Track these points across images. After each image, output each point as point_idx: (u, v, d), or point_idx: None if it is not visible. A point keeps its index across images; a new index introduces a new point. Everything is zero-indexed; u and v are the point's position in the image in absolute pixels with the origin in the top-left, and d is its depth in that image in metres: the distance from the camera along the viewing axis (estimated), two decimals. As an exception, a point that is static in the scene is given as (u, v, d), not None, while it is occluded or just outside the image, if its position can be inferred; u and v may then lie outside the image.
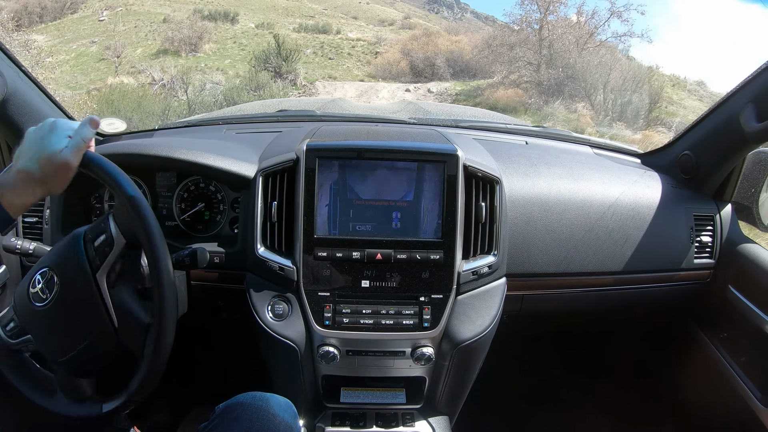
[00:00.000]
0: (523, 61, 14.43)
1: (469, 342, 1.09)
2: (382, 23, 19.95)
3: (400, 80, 15.23)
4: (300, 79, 13.90)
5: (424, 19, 21.11)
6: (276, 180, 1.09)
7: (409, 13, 21.27)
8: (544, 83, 13.38)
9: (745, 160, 1.30)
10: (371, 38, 17.96)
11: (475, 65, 15.51)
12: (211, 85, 12.44)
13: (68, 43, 15.45)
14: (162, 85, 12.23)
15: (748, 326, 1.23)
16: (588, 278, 1.24)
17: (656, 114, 11.35)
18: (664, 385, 1.60)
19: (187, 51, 14.92)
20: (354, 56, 16.67)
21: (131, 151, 1.18)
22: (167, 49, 14.90)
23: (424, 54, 15.77)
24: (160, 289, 0.79)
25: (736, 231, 1.33)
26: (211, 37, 15.79)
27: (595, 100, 12.45)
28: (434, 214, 1.06)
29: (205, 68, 14.02)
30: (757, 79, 1.13)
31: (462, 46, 16.34)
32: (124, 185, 0.80)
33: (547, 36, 14.37)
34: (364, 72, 15.87)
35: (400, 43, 17.31)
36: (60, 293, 0.80)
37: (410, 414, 1.24)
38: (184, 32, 15.29)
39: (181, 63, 13.73)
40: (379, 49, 17.14)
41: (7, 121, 1.18)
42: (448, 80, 15.20)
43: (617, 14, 14.27)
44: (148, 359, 0.79)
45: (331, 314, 1.07)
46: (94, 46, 14.95)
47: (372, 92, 13.99)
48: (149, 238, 0.78)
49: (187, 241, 1.18)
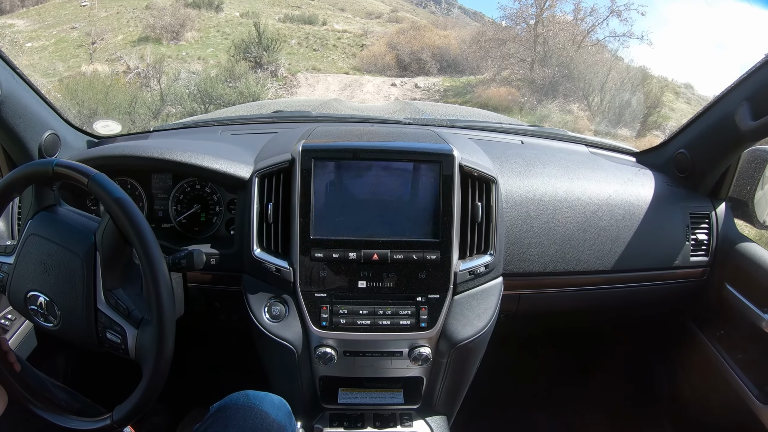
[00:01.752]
0: (516, 58, 13.88)
1: (467, 341, 1.09)
2: (369, 16, 19.35)
3: (385, 74, 14.56)
4: (281, 70, 13.28)
5: (411, 13, 20.66)
6: (272, 181, 1.09)
7: (396, 6, 20.92)
8: (537, 81, 12.80)
9: (741, 158, 1.31)
10: (358, 30, 17.47)
11: (463, 61, 14.93)
12: (187, 74, 11.74)
13: (49, 28, 14.70)
14: (137, 73, 11.63)
15: (744, 323, 1.24)
16: (585, 277, 1.24)
17: (654, 118, 10.96)
18: (662, 383, 1.60)
19: (169, 39, 14.22)
20: (339, 48, 16.17)
21: (126, 153, 1.18)
22: (148, 36, 14.12)
23: (410, 48, 15.27)
24: (156, 294, 0.78)
25: (731, 229, 1.33)
26: (194, 25, 15.08)
27: (592, 101, 11.94)
28: (430, 214, 1.06)
29: (186, 57, 13.34)
30: (751, 78, 1.14)
31: (450, 41, 15.84)
32: (108, 188, 0.80)
33: (542, 32, 13.67)
34: (350, 64, 15.36)
35: (386, 37, 16.76)
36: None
37: (408, 414, 1.24)
38: (166, 19, 14.51)
39: (162, 51, 13.20)
40: (365, 41, 16.65)
41: (2, 124, 1.17)
42: (435, 75, 14.76)
43: (617, 12, 13.54)
44: (150, 364, 0.79)
45: (328, 315, 1.07)
46: (75, 32, 14.24)
47: (356, 86, 13.27)
48: (142, 241, 0.78)
49: (184, 243, 1.18)
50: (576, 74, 12.39)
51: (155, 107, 9.60)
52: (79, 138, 1.43)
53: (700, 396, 1.44)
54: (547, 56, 13.18)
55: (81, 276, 0.82)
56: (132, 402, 0.80)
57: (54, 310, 0.84)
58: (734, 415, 1.26)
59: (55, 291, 0.84)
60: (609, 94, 11.81)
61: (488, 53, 14.27)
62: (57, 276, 0.83)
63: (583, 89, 12.05)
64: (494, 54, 14.12)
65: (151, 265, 0.77)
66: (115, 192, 0.79)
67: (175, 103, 9.97)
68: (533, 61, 13.42)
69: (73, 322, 0.83)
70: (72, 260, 0.82)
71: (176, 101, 10.01)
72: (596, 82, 12.06)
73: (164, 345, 0.78)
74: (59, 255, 0.83)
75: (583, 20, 13.91)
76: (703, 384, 1.40)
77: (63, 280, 0.83)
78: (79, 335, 0.84)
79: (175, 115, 9.46)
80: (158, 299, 0.78)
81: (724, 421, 1.33)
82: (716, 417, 1.37)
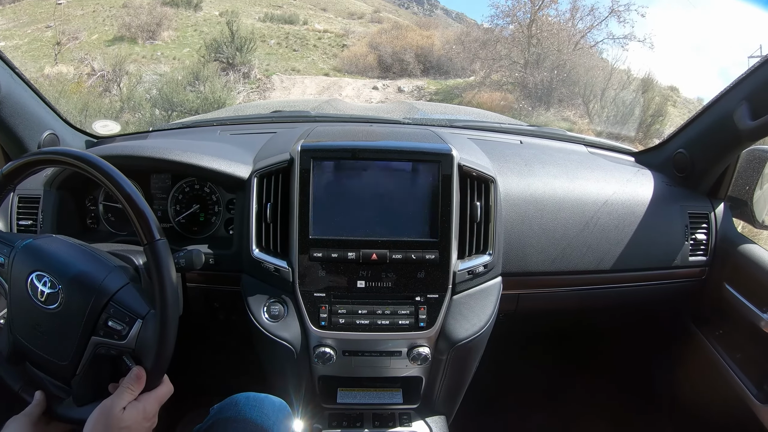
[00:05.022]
0: (508, 59, 12.97)
1: (466, 341, 1.08)
2: (351, 16, 19.03)
3: (367, 75, 14.12)
4: (254, 71, 12.61)
5: (394, 14, 20.24)
6: (271, 181, 1.09)
7: (379, 7, 20.59)
8: (530, 85, 11.98)
9: (740, 158, 1.31)
10: (339, 30, 17.03)
11: (447, 62, 14.36)
12: (154, 76, 11.07)
13: (23, 27, 14.10)
14: (101, 76, 10.86)
15: (743, 323, 1.24)
16: (583, 277, 1.24)
17: (657, 127, 10.33)
18: (661, 382, 1.61)
19: (145, 38, 13.66)
20: (320, 48, 15.71)
21: (126, 153, 1.18)
22: (123, 36, 13.56)
23: (393, 48, 14.77)
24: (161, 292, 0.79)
25: (730, 228, 1.33)
26: (171, 24, 14.49)
27: (591, 108, 11.15)
28: (429, 213, 1.06)
29: (161, 57, 12.95)
30: (750, 77, 1.14)
31: (433, 41, 15.24)
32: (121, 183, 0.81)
33: (536, 32, 12.87)
34: (330, 65, 14.84)
35: (368, 37, 16.30)
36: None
37: (407, 414, 1.25)
38: (142, 18, 13.93)
39: (137, 51, 12.74)
40: (346, 41, 16.23)
41: (1, 124, 1.17)
42: (418, 76, 14.17)
43: (616, 13, 12.75)
44: (152, 352, 0.79)
45: (327, 315, 1.07)
46: (49, 31, 13.58)
47: (335, 89, 12.63)
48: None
49: (182, 243, 1.18)
50: (573, 78, 11.70)
51: (112, 115, 8.94)
52: (77, 138, 1.43)
53: (699, 395, 1.44)
54: (542, 58, 12.45)
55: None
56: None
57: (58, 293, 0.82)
58: (733, 415, 1.26)
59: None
60: (609, 101, 11.17)
61: (476, 54, 13.59)
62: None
63: (582, 95, 11.41)
64: (483, 55, 13.41)
65: (159, 265, 0.79)
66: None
67: (134, 110, 9.37)
68: (526, 63, 12.67)
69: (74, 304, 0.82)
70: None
71: (135, 107, 9.37)
72: (596, 87, 11.40)
73: (166, 341, 0.79)
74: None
75: (581, 20, 13.25)
76: (703, 383, 1.40)
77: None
78: (77, 321, 0.81)
79: (134, 124, 8.86)
80: (163, 296, 0.79)
81: (724, 420, 1.33)
82: (715, 416, 1.37)
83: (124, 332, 0.80)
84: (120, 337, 0.80)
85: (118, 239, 1.23)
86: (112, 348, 0.81)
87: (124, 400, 0.76)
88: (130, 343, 0.81)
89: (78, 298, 0.80)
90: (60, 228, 1.18)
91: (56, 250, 0.85)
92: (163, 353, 0.80)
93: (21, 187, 0.99)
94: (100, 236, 1.25)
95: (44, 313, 0.81)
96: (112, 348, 0.81)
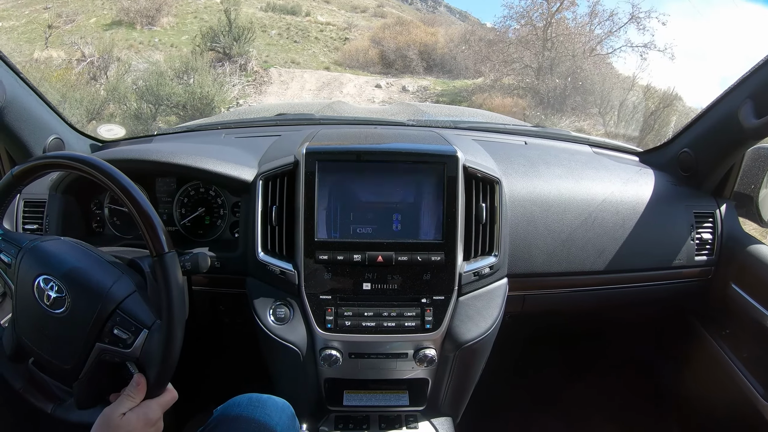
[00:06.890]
0: (520, 63, 12.31)
1: (472, 343, 1.08)
2: (354, 9, 18.67)
3: (369, 71, 13.74)
4: (252, 63, 12.13)
5: (397, 9, 19.86)
6: (276, 184, 1.09)
7: (382, 2, 20.26)
8: (543, 92, 11.38)
9: (744, 157, 1.30)
10: (342, 23, 16.64)
11: (450, 60, 13.97)
12: (144, 65, 10.43)
13: (21, 7, 13.75)
14: (90, 62, 10.47)
15: (750, 323, 1.23)
16: (589, 277, 1.24)
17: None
18: (668, 382, 1.60)
19: (143, 24, 13.28)
20: (321, 41, 15.32)
21: (131, 157, 1.18)
22: (122, 20, 13.16)
23: (396, 44, 14.37)
24: (168, 305, 0.79)
25: (736, 228, 1.33)
26: (170, 10, 14.17)
27: (608, 120, 10.31)
28: (435, 215, 1.06)
29: (158, 44, 12.63)
30: (754, 76, 1.14)
31: (437, 38, 14.97)
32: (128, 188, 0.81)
33: (552, 36, 12.22)
34: (331, 59, 14.45)
35: (371, 31, 15.99)
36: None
37: (413, 416, 1.24)
38: (141, 3, 13.57)
39: (135, 36, 12.39)
40: (349, 35, 15.88)
41: (6, 128, 1.18)
42: (420, 74, 13.80)
43: (636, 19, 11.89)
44: (157, 363, 0.79)
45: (333, 317, 1.06)
46: (47, 13, 13.23)
47: (335, 85, 12.03)
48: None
49: (188, 247, 1.18)
50: (588, 87, 11.05)
51: (95, 107, 8.29)
52: (82, 142, 1.44)
53: (705, 395, 1.44)
54: (556, 63, 11.85)
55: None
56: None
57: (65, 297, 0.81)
58: (740, 414, 1.25)
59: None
60: (628, 114, 10.37)
61: (488, 56, 12.99)
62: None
63: (599, 105, 10.61)
64: (494, 57, 12.82)
65: (165, 272, 0.79)
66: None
67: (119, 101, 8.84)
68: (540, 67, 12.04)
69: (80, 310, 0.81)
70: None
71: (120, 99, 8.78)
72: (614, 98, 10.61)
73: (170, 352, 0.78)
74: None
75: (600, 24, 12.40)
76: (709, 383, 1.39)
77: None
78: (83, 327, 0.81)
79: (117, 116, 8.37)
80: (169, 308, 0.79)
81: (730, 419, 1.32)
82: (722, 416, 1.37)
83: (129, 341, 0.80)
84: (125, 346, 0.80)
85: (124, 242, 1.23)
86: (117, 355, 0.81)
87: (124, 407, 0.76)
88: (135, 352, 0.80)
89: (84, 304, 0.80)
90: (66, 231, 1.18)
91: (64, 254, 0.85)
92: (167, 364, 0.79)
93: (26, 191, 0.99)
94: (105, 240, 1.25)
95: (50, 316, 0.81)
96: (116, 355, 0.81)
